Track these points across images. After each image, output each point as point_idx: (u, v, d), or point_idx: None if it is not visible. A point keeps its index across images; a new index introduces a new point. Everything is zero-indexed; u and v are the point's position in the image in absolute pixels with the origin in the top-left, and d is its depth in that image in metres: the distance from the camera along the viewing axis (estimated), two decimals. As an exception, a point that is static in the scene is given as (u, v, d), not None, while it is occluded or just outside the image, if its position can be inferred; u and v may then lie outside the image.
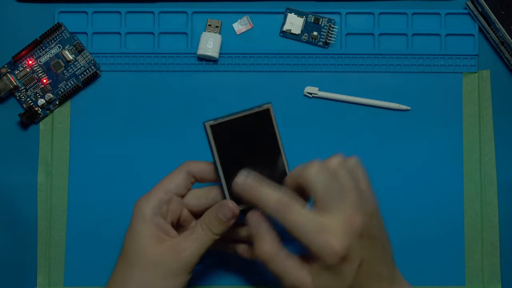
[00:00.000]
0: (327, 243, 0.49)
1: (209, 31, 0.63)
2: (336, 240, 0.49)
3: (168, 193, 0.54)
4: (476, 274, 0.62)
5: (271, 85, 0.64)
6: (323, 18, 0.64)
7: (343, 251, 0.49)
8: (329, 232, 0.49)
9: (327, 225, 0.49)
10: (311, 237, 0.49)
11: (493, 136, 0.63)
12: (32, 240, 0.62)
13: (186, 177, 0.55)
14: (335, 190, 0.50)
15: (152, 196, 0.54)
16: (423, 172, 0.63)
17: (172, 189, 0.55)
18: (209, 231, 0.54)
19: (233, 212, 0.53)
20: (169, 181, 0.55)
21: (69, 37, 0.63)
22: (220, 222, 0.54)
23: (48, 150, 0.63)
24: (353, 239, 0.49)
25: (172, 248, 0.53)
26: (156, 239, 0.53)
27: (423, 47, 0.64)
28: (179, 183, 0.55)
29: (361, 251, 0.50)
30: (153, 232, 0.53)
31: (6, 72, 0.63)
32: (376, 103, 0.63)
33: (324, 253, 0.49)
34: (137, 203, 0.54)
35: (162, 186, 0.55)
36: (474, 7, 0.63)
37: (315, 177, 0.51)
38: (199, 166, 0.55)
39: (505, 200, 0.63)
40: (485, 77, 0.64)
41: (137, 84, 0.64)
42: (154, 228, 0.53)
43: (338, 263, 0.49)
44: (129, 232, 0.54)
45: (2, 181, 0.63)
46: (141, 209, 0.54)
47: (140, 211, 0.54)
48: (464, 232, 0.62)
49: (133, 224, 0.54)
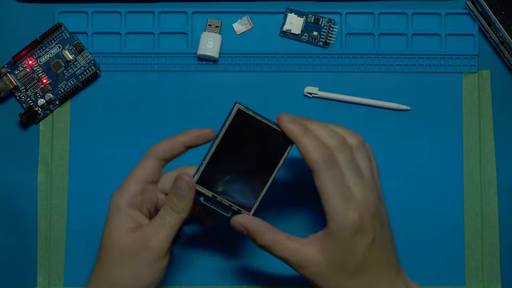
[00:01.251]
0: (348, 210, 0.50)
1: (209, 31, 0.63)
2: (355, 211, 0.51)
3: (139, 183, 0.54)
4: (476, 274, 0.62)
5: (271, 85, 0.64)
6: (323, 18, 0.64)
7: (359, 221, 0.50)
8: (352, 201, 0.51)
9: (352, 192, 0.51)
10: (338, 201, 0.51)
11: (493, 136, 0.63)
12: (32, 240, 0.62)
13: (155, 163, 0.55)
14: (355, 166, 0.52)
15: (125, 189, 0.54)
16: (423, 172, 0.63)
17: (143, 178, 0.54)
18: (173, 211, 0.53)
19: (189, 184, 0.53)
20: (139, 171, 0.55)
21: (69, 37, 0.63)
22: (179, 198, 0.53)
23: (48, 150, 0.63)
24: (368, 214, 0.51)
25: (141, 237, 0.53)
26: (130, 230, 0.53)
27: (423, 47, 0.64)
28: (149, 171, 0.55)
29: (374, 230, 0.51)
30: (126, 224, 0.53)
31: (6, 72, 0.63)
32: (376, 103, 0.63)
33: (342, 220, 0.50)
34: (111, 197, 0.54)
35: (133, 177, 0.54)
36: (474, 7, 0.63)
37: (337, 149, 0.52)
38: (164, 148, 0.55)
39: (505, 200, 0.63)
40: (485, 77, 0.64)
41: (137, 84, 0.64)
42: (127, 220, 0.53)
43: (353, 234, 0.51)
44: (105, 227, 0.54)
45: (2, 181, 0.63)
46: (114, 202, 0.54)
47: (114, 204, 0.54)
48: (464, 232, 0.62)
49: (108, 218, 0.54)
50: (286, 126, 0.53)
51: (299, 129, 0.52)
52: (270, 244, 0.53)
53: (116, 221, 0.53)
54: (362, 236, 0.51)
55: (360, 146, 0.54)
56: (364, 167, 0.53)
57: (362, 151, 0.54)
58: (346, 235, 0.51)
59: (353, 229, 0.51)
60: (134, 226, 0.53)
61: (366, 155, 0.54)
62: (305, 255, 0.52)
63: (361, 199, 0.51)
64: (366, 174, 0.53)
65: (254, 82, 0.64)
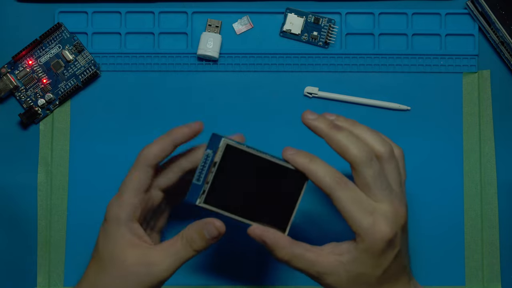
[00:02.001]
0: (376, 225, 0.49)
1: (209, 31, 0.63)
2: (387, 224, 0.49)
3: (138, 195, 0.53)
4: (476, 274, 0.62)
5: (271, 85, 0.64)
6: (323, 18, 0.64)
7: (391, 235, 0.49)
8: (380, 215, 0.49)
9: (378, 208, 0.50)
10: (361, 217, 0.49)
11: (493, 136, 0.63)
12: (32, 240, 0.62)
13: (148, 171, 0.53)
14: (384, 181, 0.50)
15: (125, 202, 0.53)
16: (423, 172, 0.63)
17: (140, 189, 0.53)
18: (189, 247, 0.52)
19: (219, 231, 0.51)
20: (135, 183, 0.53)
21: (69, 37, 0.63)
22: (202, 239, 0.51)
23: (48, 150, 0.63)
24: (398, 228, 0.50)
25: (145, 260, 0.51)
26: (130, 245, 0.52)
27: (423, 47, 0.64)
28: (145, 181, 0.53)
29: (400, 242, 0.51)
30: (127, 239, 0.52)
31: (6, 72, 0.63)
32: (376, 103, 0.63)
33: (372, 235, 0.49)
34: (109, 207, 0.53)
35: (130, 189, 0.53)
36: (474, 7, 0.63)
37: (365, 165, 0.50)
38: (155, 153, 0.53)
39: (505, 200, 0.63)
40: (485, 77, 0.64)
41: (137, 84, 0.64)
42: (128, 234, 0.52)
43: (384, 248, 0.50)
44: (103, 235, 0.53)
45: (2, 181, 0.63)
46: (115, 214, 0.52)
47: (114, 216, 0.52)
48: (464, 232, 0.62)
49: (107, 228, 0.53)
50: (292, 159, 0.51)
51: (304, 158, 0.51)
52: (288, 258, 0.51)
53: (116, 233, 0.52)
54: (391, 249, 0.50)
55: (390, 158, 0.51)
56: (393, 179, 0.51)
57: (391, 163, 0.51)
58: (376, 249, 0.49)
59: (385, 244, 0.49)
60: (136, 241, 0.52)
61: (396, 166, 0.52)
62: (323, 268, 0.50)
63: (391, 213, 0.50)
64: (395, 185, 0.51)
65: (254, 82, 0.64)
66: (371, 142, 0.51)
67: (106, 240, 0.52)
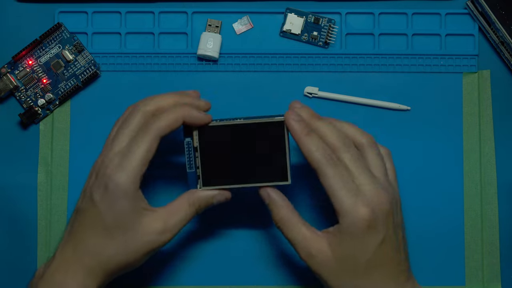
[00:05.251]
0: (358, 205, 0.51)
1: (209, 31, 0.63)
2: (366, 206, 0.51)
3: (145, 164, 0.53)
4: (476, 274, 0.62)
5: (271, 85, 0.64)
6: (323, 18, 0.64)
7: (370, 217, 0.50)
8: (362, 197, 0.51)
9: (361, 190, 0.51)
10: (344, 195, 0.51)
11: (493, 136, 0.63)
12: (32, 240, 0.62)
13: (158, 142, 0.54)
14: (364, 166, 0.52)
15: (134, 172, 0.52)
16: (423, 172, 0.63)
17: (149, 159, 0.53)
18: (195, 211, 0.55)
19: (227, 198, 0.56)
20: (146, 152, 0.53)
21: (69, 37, 0.63)
22: (208, 205, 0.56)
23: (48, 150, 0.63)
24: (380, 212, 0.51)
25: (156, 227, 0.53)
26: (139, 214, 0.53)
27: (423, 47, 0.64)
28: (154, 151, 0.53)
29: (386, 229, 0.51)
30: (136, 208, 0.53)
31: (6, 72, 0.63)
32: (376, 103, 0.63)
33: (351, 213, 0.50)
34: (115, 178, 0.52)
35: (139, 157, 0.53)
36: (474, 7, 0.63)
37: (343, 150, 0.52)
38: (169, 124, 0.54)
39: (505, 200, 0.63)
40: (485, 77, 0.64)
41: (137, 84, 0.64)
42: (137, 204, 0.53)
43: (364, 230, 0.50)
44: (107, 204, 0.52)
45: (2, 181, 0.63)
46: (123, 184, 0.52)
47: (122, 186, 0.52)
48: (464, 232, 0.62)
49: (112, 197, 0.52)
50: (290, 123, 0.53)
51: (303, 129, 0.53)
52: (284, 221, 0.53)
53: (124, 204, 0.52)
54: (373, 234, 0.51)
55: (370, 146, 0.54)
56: (375, 165, 0.53)
57: (372, 150, 0.54)
58: (356, 230, 0.51)
59: (364, 225, 0.50)
60: (143, 209, 0.53)
61: (378, 154, 0.54)
62: (314, 243, 0.52)
63: (372, 196, 0.51)
64: (378, 173, 0.53)
65: (254, 82, 0.64)
66: (352, 133, 0.54)
67: (112, 209, 0.52)
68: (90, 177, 0.55)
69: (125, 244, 0.53)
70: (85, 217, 0.53)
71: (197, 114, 0.55)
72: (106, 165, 0.53)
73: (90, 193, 0.53)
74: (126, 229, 0.53)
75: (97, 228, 0.53)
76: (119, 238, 0.53)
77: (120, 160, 0.53)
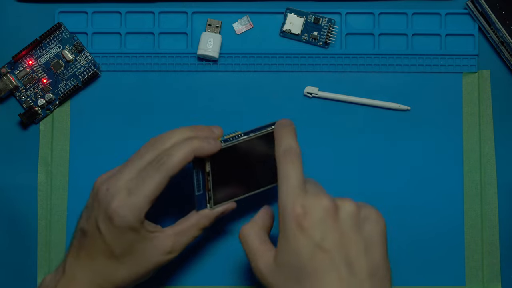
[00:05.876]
0: (293, 202, 0.49)
1: (209, 31, 0.63)
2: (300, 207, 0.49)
3: (153, 202, 0.53)
4: (476, 274, 0.62)
5: (271, 85, 0.64)
6: (323, 18, 0.64)
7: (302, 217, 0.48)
8: (302, 196, 0.49)
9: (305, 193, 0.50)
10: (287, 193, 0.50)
11: (493, 136, 0.63)
12: (32, 240, 0.62)
13: (168, 179, 0.53)
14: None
15: (140, 207, 0.52)
16: (423, 172, 0.63)
17: (157, 195, 0.53)
18: (200, 230, 0.57)
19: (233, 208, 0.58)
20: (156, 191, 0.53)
21: (69, 37, 0.63)
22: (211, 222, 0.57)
23: (48, 150, 0.63)
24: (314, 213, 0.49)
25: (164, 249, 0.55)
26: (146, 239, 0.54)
27: (423, 47, 0.64)
28: (163, 188, 0.53)
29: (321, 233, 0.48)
30: (143, 236, 0.53)
31: (6, 72, 0.63)
32: (376, 103, 0.63)
33: (287, 211, 0.49)
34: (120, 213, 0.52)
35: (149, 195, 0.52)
36: (474, 7, 0.63)
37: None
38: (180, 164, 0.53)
39: (505, 200, 0.63)
40: (485, 77, 0.64)
41: (137, 84, 0.64)
42: (143, 232, 0.53)
43: (297, 230, 0.48)
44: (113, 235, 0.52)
45: (2, 181, 0.63)
46: (126, 221, 0.52)
47: (126, 223, 0.52)
48: (464, 232, 0.62)
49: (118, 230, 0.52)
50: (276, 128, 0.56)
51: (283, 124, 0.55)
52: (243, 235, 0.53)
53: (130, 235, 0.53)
54: (306, 236, 0.48)
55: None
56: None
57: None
58: (288, 229, 0.49)
59: (293, 223, 0.48)
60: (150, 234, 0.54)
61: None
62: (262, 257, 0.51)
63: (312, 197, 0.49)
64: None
65: (254, 82, 0.64)
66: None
67: (119, 240, 0.53)
68: (93, 199, 0.54)
69: (135, 266, 0.54)
70: (92, 242, 0.53)
71: (208, 147, 0.54)
72: (112, 196, 0.52)
73: (96, 221, 0.53)
74: (135, 254, 0.54)
75: (105, 254, 0.53)
76: (129, 262, 0.54)
77: (127, 196, 0.52)
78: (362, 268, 0.48)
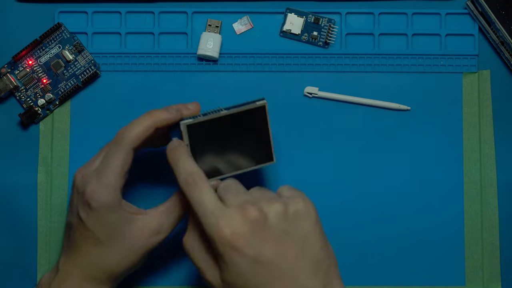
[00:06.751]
0: (217, 225, 0.48)
1: (209, 31, 0.63)
2: (226, 224, 0.48)
3: (124, 176, 0.53)
4: (476, 274, 0.62)
5: (271, 85, 0.64)
6: (323, 18, 0.64)
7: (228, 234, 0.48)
8: (224, 216, 0.49)
9: (226, 211, 0.49)
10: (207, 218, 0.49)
11: (493, 136, 0.63)
12: (32, 240, 0.62)
13: (132, 153, 0.54)
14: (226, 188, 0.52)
15: (113, 186, 0.52)
16: (423, 172, 0.63)
17: (125, 170, 0.53)
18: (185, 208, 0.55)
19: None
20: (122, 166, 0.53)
21: (69, 37, 0.63)
22: None
23: (48, 150, 0.63)
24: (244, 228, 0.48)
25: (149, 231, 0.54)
26: (129, 221, 0.53)
27: (423, 47, 0.64)
28: (129, 161, 0.53)
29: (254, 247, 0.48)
30: (124, 218, 0.53)
31: (6, 72, 0.63)
32: (376, 103, 0.63)
33: (214, 236, 0.48)
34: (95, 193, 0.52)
35: (117, 172, 0.53)
36: (474, 7, 0.63)
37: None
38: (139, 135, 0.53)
39: (505, 200, 0.63)
40: (485, 77, 0.64)
41: (137, 84, 0.64)
42: (123, 214, 0.53)
43: (231, 253, 0.48)
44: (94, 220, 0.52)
45: (2, 181, 0.63)
46: (104, 200, 0.52)
47: (104, 203, 0.52)
48: (464, 232, 0.62)
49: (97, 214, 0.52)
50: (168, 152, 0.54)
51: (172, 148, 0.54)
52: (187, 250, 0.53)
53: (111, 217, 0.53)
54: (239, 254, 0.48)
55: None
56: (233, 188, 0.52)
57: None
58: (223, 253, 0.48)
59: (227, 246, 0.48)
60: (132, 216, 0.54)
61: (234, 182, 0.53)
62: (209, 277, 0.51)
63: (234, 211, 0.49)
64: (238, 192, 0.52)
65: (254, 82, 0.64)
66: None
67: (101, 225, 0.53)
68: (72, 192, 0.55)
69: (123, 250, 0.53)
70: (78, 233, 0.54)
71: (167, 115, 0.54)
72: (86, 182, 0.53)
73: (77, 210, 0.54)
74: (120, 237, 0.53)
75: (91, 242, 0.53)
76: (116, 247, 0.53)
77: (97, 177, 0.53)
78: (304, 270, 0.48)
